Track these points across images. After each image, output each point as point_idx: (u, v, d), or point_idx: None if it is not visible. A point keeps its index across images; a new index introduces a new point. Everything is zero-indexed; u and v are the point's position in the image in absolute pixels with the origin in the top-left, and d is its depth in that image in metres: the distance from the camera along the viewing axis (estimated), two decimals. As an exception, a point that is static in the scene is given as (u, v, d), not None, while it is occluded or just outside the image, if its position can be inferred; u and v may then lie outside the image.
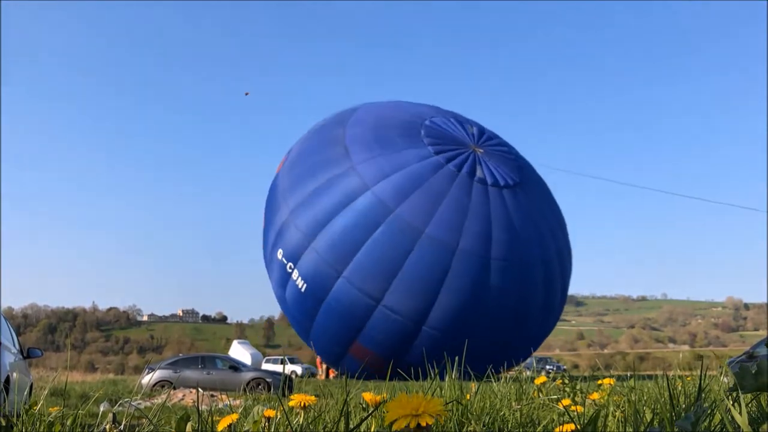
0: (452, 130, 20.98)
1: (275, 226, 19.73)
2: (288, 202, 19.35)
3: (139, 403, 9.80)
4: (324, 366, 35.39)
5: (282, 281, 20.09)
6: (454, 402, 2.79)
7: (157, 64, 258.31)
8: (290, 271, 19.75)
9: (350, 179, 18.47)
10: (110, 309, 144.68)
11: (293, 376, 27.54)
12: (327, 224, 18.21)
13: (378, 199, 18.22)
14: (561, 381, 3.77)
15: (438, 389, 3.45)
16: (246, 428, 2.37)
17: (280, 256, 20.43)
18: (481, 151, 20.41)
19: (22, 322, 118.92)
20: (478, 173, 19.32)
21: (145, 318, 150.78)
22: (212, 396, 13.37)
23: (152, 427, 2.78)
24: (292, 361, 40.45)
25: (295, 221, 20.28)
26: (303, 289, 19.94)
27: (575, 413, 2.56)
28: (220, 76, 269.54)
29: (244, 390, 16.39)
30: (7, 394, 6.58)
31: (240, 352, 38.92)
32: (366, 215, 18.15)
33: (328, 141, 19.96)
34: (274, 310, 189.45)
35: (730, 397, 1.92)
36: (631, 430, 2.32)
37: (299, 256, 18.86)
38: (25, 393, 7.79)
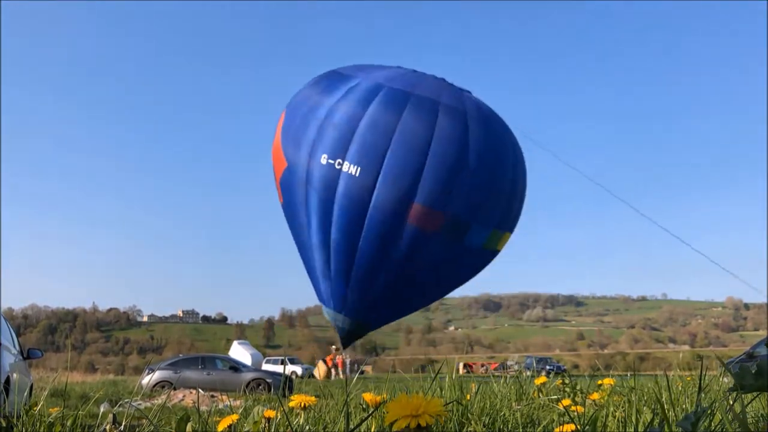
0: None
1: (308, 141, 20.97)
2: (320, 110, 21.04)
3: (139, 404, 9.80)
4: (325, 366, 35.44)
5: (330, 186, 21.28)
6: (454, 402, 2.79)
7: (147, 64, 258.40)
8: (339, 167, 20.94)
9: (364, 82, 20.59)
10: (110, 310, 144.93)
11: (293, 376, 27.54)
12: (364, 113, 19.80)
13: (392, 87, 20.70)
14: (561, 381, 3.77)
15: (438, 389, 3.45)
16: (246, 429, 2.37)
17: (324, 161, 21.83)
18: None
19: (22, 323, 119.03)
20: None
21: (145, 318, 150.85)
22: (212, 396, 13.37)
23: (152, 427, 2.78)
24: (292, 362, 40.49)
25: (332, 120, 22.54)
26: (357, 174, 21.70)
27: (575, 413, 2.56)
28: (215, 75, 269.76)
29: (245, 390, 16.40)
30: (8, 394, 6.57)
31: (240, 352, 38.90)
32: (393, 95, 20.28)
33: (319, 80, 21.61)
34: (274, 311, 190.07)
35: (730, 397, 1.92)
36: (631, 430, 2.31)
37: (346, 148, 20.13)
38: (26, 394, 7.78)
